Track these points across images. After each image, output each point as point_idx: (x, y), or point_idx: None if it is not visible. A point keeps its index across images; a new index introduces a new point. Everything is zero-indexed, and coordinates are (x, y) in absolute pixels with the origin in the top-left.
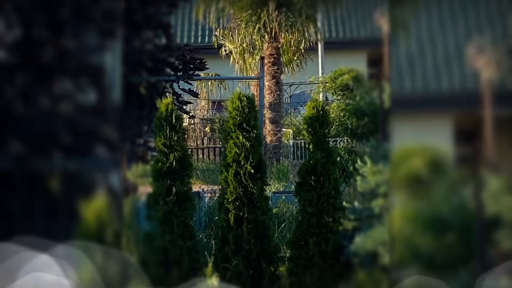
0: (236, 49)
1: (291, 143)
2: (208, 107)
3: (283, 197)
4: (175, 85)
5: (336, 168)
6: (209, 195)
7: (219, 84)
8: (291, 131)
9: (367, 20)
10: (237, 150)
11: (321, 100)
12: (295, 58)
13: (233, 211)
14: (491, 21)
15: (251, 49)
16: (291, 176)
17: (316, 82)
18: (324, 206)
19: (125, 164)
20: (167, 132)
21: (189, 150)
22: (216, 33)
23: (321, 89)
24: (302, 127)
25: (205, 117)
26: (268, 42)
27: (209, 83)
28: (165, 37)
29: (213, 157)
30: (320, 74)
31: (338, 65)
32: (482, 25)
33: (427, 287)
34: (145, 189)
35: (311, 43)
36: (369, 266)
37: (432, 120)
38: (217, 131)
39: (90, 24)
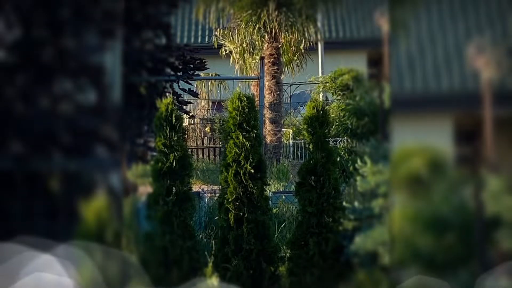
0: (236, 49)
1: (291, 143)
2: (208, 107)
3: (283, 197)
4: (175, 85)
5: (336, 168)
6: (209, 195)
7: (219, 84)
8: (291, 131)
9: (367, 20)
10: (237, 150)
11: (321, 100)
12: (295, 58)
13: (233, 211)
14: (491, 21)
15: (251, 49)
16: (291, 176)
17: (316, 82)
18: (324, 206)
19: (125, 164)
20: (167, 132)
21: (189, 150)
22: (216, 33)
23: (321, 89)
24: (302, 127)
25: (205, 117)
26: (268, 42)
27: (209, 83)
28: (165, 37)
29: (213, 157)
30: (320, 74)
31: (338, 65)
32: (482, 25)
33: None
34: (145, 189)
35: (311, 43)
36: (369, 266)
37: (432, 120)
38: (217, 131)
39: (90, 24)
